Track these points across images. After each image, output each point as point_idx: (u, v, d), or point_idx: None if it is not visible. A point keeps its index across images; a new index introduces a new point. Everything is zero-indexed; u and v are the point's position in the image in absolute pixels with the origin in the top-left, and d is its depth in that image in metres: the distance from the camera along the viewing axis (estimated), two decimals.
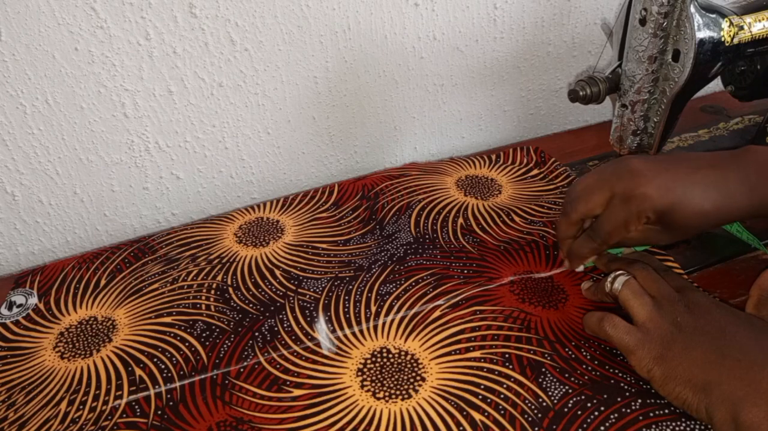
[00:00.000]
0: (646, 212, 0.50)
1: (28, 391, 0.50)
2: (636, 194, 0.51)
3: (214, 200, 0.78)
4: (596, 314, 0.50)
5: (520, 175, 0.75)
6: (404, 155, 0.87)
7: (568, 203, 0.55)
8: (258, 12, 0.68)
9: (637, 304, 0.48)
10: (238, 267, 0.61)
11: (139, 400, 0.48)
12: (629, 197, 0.51)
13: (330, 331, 0.53)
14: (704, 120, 0.87)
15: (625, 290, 0.49)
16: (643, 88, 0.61)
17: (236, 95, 0.72)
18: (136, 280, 0.61)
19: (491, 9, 0.79)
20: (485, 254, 0.61)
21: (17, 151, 0.65)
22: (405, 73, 0.79)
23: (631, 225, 0.52)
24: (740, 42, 0.61)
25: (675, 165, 0.52)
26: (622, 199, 0.51)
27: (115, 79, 0.65)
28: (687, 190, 0.50)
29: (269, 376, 0.49)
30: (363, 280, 0.59)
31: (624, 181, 0.52)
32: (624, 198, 0.51)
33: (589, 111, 0.97)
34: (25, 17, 0.59)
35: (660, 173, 0.51)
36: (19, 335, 0.56)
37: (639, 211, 0.51)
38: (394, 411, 0.46)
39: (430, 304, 0.55)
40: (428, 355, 0.50)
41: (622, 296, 0.49)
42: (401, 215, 0.67)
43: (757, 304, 0.51)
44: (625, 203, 0.51)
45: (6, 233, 0.69)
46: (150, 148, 0.71)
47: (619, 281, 0.50)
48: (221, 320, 0.55)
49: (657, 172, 0.51)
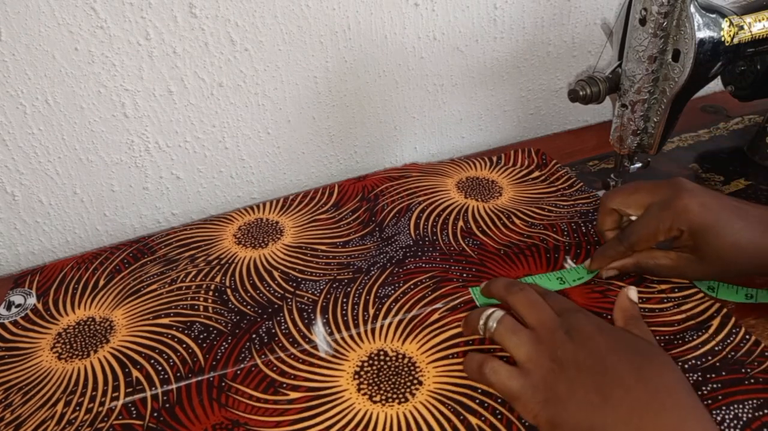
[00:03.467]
0: (680, 224, 0.50)
1: (25, 392, 0.50)
2: (676, 204, 0.51)
3: (214, 200, 0.78)
4: (475, 358, 0.46)
5: (520, 177, 0.75)
6: (404, 155, 0.87)
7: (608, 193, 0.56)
8: (258, 12, 0.68)
9: (515, 343, 0.45)
10: (237, 269, 0.61)
11: (135, 402, 0.48)
12: (668, 206, 0.51)
13: (327, 333, 0.53)
14: (704, 120, 0.87)
15: (500, 329, 0.46)
16: (643, 88, 0.61)
17: (236, 95, 0.72)
18: (134, 281, 0.61)
19: (491, 9, 0.79)
20: (485, 257, 0.61)
21: (17, 151, 0.65)
22: (405, 73, 0.79)
23: (661, 235, 0.51)
24: (740, 42, 0.61)
25: (727, 197, 0.52)
26: (661, 206, 0.51)
27: (115, 79, 0.65)
28: (728, 217, 0.50)
29: (266, 378, 0.49)
30: (361, 282, 0.59)
31: (669, 190, 0.52)
32: (663, 205, 0.51)
33: (589, 111, 0.97)
34: (25, 17, 0.59)
35: (707, 194, 0.51)
36: (17, 335, 0.56)
37: (673, 221, 0.51)
38: (390, 415, 0.46)
39: (429, 307, 0.55)
40: (425, 358, 0.50)
41: (498, 336, 0.46)
42: (401, 218, 0.67)
43: (626, 326, 0.47)
44: (663, 211, 0.51)
45: (6, 233, 0.69)
46: (150, 148, 0.71)
47: (493, 319, 0.47)
48: (219, 321, 0.55)
49: (705, 193, 0.52)
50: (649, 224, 0.53)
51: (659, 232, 0.52)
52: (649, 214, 0.53)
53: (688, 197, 0.51)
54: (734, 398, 0.45)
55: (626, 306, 0.49)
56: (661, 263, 0.54)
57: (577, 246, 0.62)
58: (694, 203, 0.50)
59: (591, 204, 0.68)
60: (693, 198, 0.51)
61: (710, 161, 0.77)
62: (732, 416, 0.44)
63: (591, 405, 0.40)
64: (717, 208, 0.50)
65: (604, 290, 0.56)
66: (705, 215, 0.50)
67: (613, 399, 0.40)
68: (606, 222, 0.58)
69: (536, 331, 0.45)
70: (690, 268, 0.52)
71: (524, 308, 0.47)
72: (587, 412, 0.40)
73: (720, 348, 0.49)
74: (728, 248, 0.49)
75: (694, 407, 0.39)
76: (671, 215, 0.51)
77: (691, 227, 0.50)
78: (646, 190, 0.55)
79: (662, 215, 0.52)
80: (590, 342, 0.43)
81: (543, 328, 0.45)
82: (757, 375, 0.47)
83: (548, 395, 0.42)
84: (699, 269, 0.52)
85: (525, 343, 0.44)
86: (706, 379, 0.47)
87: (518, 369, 0.44)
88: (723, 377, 0.47)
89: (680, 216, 0.51)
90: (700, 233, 0.50)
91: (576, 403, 0.40)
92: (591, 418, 0.40)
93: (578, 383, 0.41)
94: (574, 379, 0.41)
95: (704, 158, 0.78)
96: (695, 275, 0.53)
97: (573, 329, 0.44)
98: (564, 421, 0.41)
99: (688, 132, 0.83)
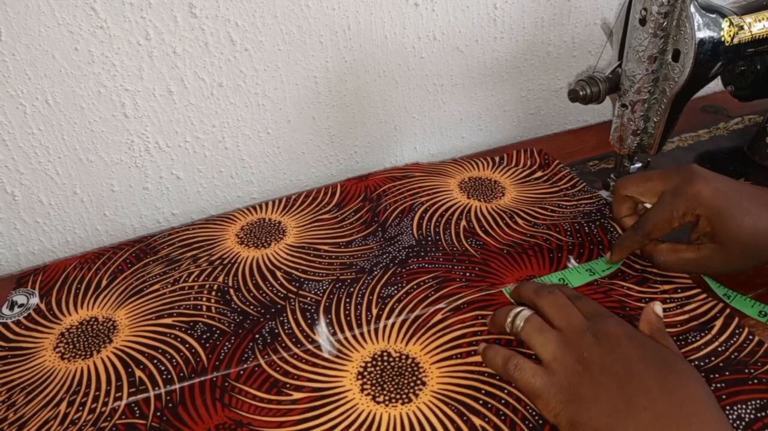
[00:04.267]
0: (694, 210, 0.50)
1: (28, 392, 0.50)
2: (688, 190, 0.51)
3: (214, 200, 0.78)
4: (500, 353, 0.46)
5: (523, 177, 0.75)
6: (404, 155, 0.87)
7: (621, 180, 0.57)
8: (258, 12, 0.67)
9: (541, 342, 0.45)
10: (240, 268, 0.61)
11: (138, 402, 0.48)
12: (681, 192, 0.51)
13: (330, 334, 0.53)
14: (704, 120, 0.87)
15: (527, 328, 0.46)
16: (643, 88, 0.61)
17: (236, 95, 0.72)
18: (137, 281, 0.61)
19: (491, 9, 0.79)
20: (488, 257, 0.61)
21: (17, 151, 0.65)
22: (405, 73, 0.79)
23: (675, 222, 0.52)
24: (740, 42, 0.61)
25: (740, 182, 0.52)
26: (674, 193, 0.52)
27: (115, 79, 0.65)
28: (742, 200, 0.50)
29: (269, 379, 0.49)
30: (364, 282, 0.58)
31: (681, 177, 0.52)
32: (675, 192, 0.52)
33: (589, 111, 0.97)
34: (25, 17, 0.59)
35: (720, 180, 0.52)
36: (20, 335, 0.56)
37: (687, 208, 0.51)
38: (394, 415, 0.46)
39: (432, 307, 0.55)
40: (429, 359, 0.50)
41: (524, 334, 0.46)
42: (404, 218, 0.67)
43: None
44: (675, 197, 0.52)
45: (6, 233, 0.69)
46: (150, 148, 0.70)
47: (521, 318, 0.47)
48: (222, 321, 0.55)
49: (718, 178, 0.52)
50: (663, 212, 0.53)
51: (673, 219, 0.52)
52: (663, 201, 0.53)
53: (701, 183, 0.51)
54: (737, 398, 0.45)
55: (652, 320, 0.48)
56: (685, 256, 0.54)
57: (580, 246, 0.62)
58: (706, 188, 0.51)
59: (594, 204, 0.68)
60: (706, 184, 0.51)
61: (710, 161, 0.77)
62: (735, 416, 0.44)
63: (614, 410, 0.40)
64: (730, 192, 0.50)
65: (607, 290, 0.56)
66: (718, 199, 0.50)
67: (637, 407, 0.39)
68: (621, 210, 0.59)
69: (563, 332, 0.45)
70: (714, 259, 0.52)
71: (552, 311, 0.47)
72: (609, 417, 0.40)
73: (723, 349, 0.50)
74: (746, 231, 0.49)
75: (719, 421, 0.39)
76: (684, 201, 0.51)
77: (706, 212, 0.50)
78: (659, 177, 0.55)
79: (675, 202, 0.52)
80: (618, 347, 0.43)
81: (570, 330, 0.45)
82: (760, 376, 0.47)
83: (571, 395, 0.42)
84: (722, 258, 0.52)
85: (552, 342, 0.44)
86: (710, 380, 0.47)
87: (543, 367, 0.44)
88: (726, 377, 0.47)
89: (693, 202, 0.51)
90: (715, 217, 0.50)
91: (599, 406, 0.40)
92: (612, 423, 0.39)
93: (603, 386, 0.41)
94: (599, 382, 0.41)
95: (704, 158, 0.78)
96: (720, 266, 0.53)
97: (601, 333, 0.44)
98: (584, 422, 0.40)
99: (688, 132, 0.83)
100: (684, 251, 0.54)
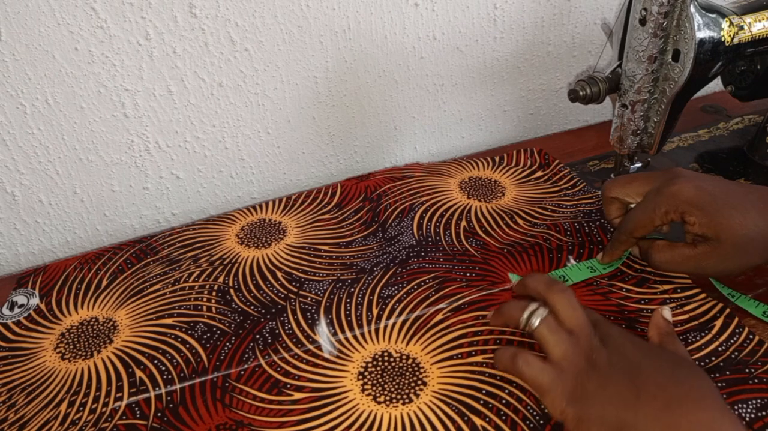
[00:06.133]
0: (676, 208, 0.51)
1: (29, 392, 0.50)
2: (670, 188, 0.52)
3: (214, 200, 0.78)
4: (508, 350, 0.46)
5: (523, 177, 0.75)
6: (404, 155, 0.87)
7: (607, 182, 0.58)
8: (258, 12, 0.67)
9: (554, 341, 0.44)
10: (240, 269, 0.61)
11: (139, 402, 0.48)
12: (663, 191, 0.52)
13: (331, 334, 0.53)
14: (704, 120, 0.87)
15: (542, 328, 0.46)
16: (643, 88, 0.61)
17: (236, 95, 0.71)
18: (137, 281, 0.61)
19: (491, 9, 0.79)
20: (488, 257, 0.61)
21: (17, 151, 0.65)
22: (405, 73, 0.79)
23: (657, 219, 0.52)
24: (740, 42, 0.61)
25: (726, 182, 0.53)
26: (656, 192, 0.53)
27: (115, 79, 0.65)
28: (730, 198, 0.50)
29: (270, 379, 0.49)
30: (365, 282, 0.59)
31: (665, 178, 0.53)
32: (658, 191, 0.53)
33: (589, 111, 0.97)
34: (25, 17, 0.59)
35: (703, 179, 0.52)
36: (20, 335, 0.56)
37: (669, 206, 0.51)
38: (394, 416, 0.46)
39: (432, 307, 0.55)
40: (430, 359, 0.50)
41: (539, 333, 0.46)
42: (404, 218, 0.67)
43: (661, 343, 0.48)
44: (657, 196, 0.52)
45: (6, 233, 0.69)
46: (150, 148, 0.70)
47: (537, 316, 0.46)
48: (222, 322, 0.55)
49: (702, 178, 0.53)
50: (645, 210, 0.54)
51: (655, 217, 0.53)
52: (645, 200, 0.54)
53: (683, 182, 0.52)
54: (738, 397, 0.46)
55: (661, 324, 0.49)
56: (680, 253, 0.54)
57: (580, 246, 0.62)
58: (688, 186, 0.51)
59: (594, 204, 0.68)
60: (687, 182, 0.52)
61: (710, 161, 0.77)
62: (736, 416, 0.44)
63: (622, 401, 0.40)
64: (715, 190, 0.51)
65: (606, 292, 0.56)
66: (701, 197, 0.50)
67: (646, 395, 0.40)
68: (611, 211, 0.60)
69: (575, 333, 0.45)
70: (710, 257, 0.52)
71: (565, 310, 0.46)
72: (617, 408, 0.40)
73: (723, 348, 0.50)
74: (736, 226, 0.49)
75: (728, 410, 0.40)
76: (665, 199, 0.52)
77: (690, 209, 0.50)
78: (643, 178, 0.57)
79: (657, 200, 0.53)
80: (623, 349, 0.44)
81: (581, 332, 0.45)
82: (760, 375, 0.47)
83: (578, 392, 0.42)
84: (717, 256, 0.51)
85: (564, 342, 0.44)
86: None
87: (551, 364, 0.44)
88: (727, 377, 0.47)
89: (674, 199, 0.51)
90: (701, 214, 0.50)
91: (606, 398, 0.41)
92: (620, 413, 0.40)
93: (611, 381, 0.41)
94: (607, 377, 0.42)
95: (704, 158, 0.78)
96: (716, 264, 0.52)
97: (606, 337, 0.44)
98: (591, 416, 0.41)
99: (688, 132, 0.83)
100: (679, 248, 0.55)
